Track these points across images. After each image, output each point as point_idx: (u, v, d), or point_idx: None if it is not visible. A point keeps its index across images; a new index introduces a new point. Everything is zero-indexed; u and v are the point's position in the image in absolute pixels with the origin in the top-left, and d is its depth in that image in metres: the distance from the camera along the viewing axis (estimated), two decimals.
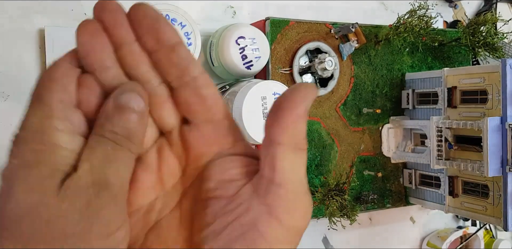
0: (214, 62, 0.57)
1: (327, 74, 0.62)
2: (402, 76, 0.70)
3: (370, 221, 0.76)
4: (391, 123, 0.70)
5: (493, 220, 0.60)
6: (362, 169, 0.68)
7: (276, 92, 0.49)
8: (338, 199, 0.57)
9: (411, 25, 0.64)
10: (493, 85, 0.58)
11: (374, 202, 0.68)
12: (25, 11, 0.52)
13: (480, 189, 0.62)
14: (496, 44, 0.65)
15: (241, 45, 0.54)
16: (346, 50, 0.65)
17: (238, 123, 0.39)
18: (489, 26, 0.64)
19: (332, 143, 0.65)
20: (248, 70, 0.55)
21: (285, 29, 0.60)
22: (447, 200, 0.66)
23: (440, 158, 0.62)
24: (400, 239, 0.80)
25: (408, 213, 0.80)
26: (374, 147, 0.69)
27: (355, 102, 0.67)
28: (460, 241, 0.82)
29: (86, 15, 0.55)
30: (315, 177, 0.64)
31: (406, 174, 0.71)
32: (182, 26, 0.50)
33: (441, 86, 0.65)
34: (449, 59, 0.74)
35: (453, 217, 0.85)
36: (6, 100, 0.51)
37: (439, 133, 0.62)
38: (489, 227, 0.87)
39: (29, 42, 0.52)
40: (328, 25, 0.64)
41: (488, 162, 0.55)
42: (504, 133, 0.55)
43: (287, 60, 0.61)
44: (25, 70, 0.52)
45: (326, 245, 0.72)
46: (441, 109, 0.65)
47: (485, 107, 0.59)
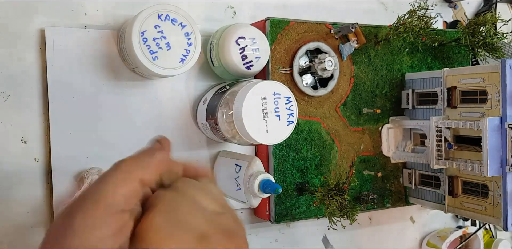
0: (214, 62, 0.57)
1: (327, 74, 0.62)
2: (402, 76, 0.71)
3: (370, 221, 0.76)
4: (391, 123, 0.70)
5: (493, 220, 0.60)
6: (362, 169, 0.68)
7: (276, 92, 0.49)
8: (338, 199, 0.57)
9: (411, 25, 0.64)
10: (493, 85, 0.58)
11: (374, 202, 0.68)
12: (25, 11, 0.52)
13: (479, 189, 0.62)
14: (495, 44, 0.65)
15: (241, 45, 0.54)
16: (346, 50, 0.65)
17: (238, 123, 0.42)
18: (488, 26, 0.64)
19: (332, 143, 0.65)
20: (248, 70, 0.55)
21: (285, 29, 0.60)
22: (447, 200, 0.66)
23: (440, 158, 0.62)
24: (400, 239, 0.80)
25: (408, 213, 0.80)
26: (374, 147, 0.69)
27: (355, 102, 0.67)
28: (459, 241, 0.82)
29: (86, 15, 0.55)
30: (315, 177, 0.64)
31: (406, 174, 0.71)
32: (182, 26, 0.50)
33: (440, 86, 0.65)
34: (449, 59, 0.74)
35: (453, 217, 0.85)
36: (6, 100, 0.51)
37: (439, 133, 0.62)
38: (489, 227, 0.88)
39: (30, 42, 0.52)
40: (328, 25, 0.64)
41: (488, 162, 0.55)
42: (504, 133, 0.55)
43: (287, 60, 0.61)
44: (25, 70, 0.52)
45: (326, 245, 0.72)
46: (441, 109, 0.65)
47: (485, 107, 0.59)
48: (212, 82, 0.60)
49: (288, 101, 0.50)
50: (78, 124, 0.53)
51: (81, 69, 0.53)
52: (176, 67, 0.50)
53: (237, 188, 0.56)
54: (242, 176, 0.55)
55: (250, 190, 0.54)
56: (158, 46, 0.49)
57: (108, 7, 0.56)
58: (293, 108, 0.50)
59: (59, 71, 0.52)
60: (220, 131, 0.52)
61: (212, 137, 0.58)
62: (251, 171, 0.54)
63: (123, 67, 0.55)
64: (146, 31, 0.48)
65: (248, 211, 0.65)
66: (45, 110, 0.52)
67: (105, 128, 0.55)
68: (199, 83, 0.60)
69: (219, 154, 0.61)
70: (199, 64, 0.59)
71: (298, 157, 0.63)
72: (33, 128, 0.52)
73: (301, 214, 0.63)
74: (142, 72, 0.53)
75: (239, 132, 0.48)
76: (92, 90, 0.54)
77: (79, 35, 0.53)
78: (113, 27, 0.56)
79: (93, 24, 0.55)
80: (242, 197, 0.55)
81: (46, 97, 0.52)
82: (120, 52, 0.54)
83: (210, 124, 0.54)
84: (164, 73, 0.50)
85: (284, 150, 0.61)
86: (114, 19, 0.56)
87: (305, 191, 0.63)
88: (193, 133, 0.60)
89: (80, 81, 0.53)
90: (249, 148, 0.63)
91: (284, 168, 0.62)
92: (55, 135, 0.52)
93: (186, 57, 0.51)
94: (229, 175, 0.57)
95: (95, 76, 0.54)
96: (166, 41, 0.49)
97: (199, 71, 0.60)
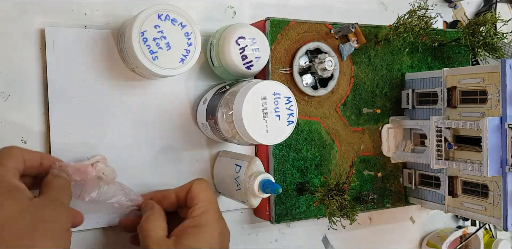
0: (214, 62, 0.57)
1: (327, 74, 0.62)
2: (402, 76, 0.71)
3: (370, 221, 0.76)
4: (391, 123, 0.70)
5: (493, 220, 0.60)
6: (362, 169, 0.68)
7: (276, 92, 0.49)
8: (338, 199, 0.57)
9: (411, 25, 0.64)
10: (493, 85, 0.58)
11: (374, 202, 0.68)
12: (25, 11, 0.52)
13: (479, 189, 0.62)
14: (495, 44, 0.65)
15: (241, 45, 0.54)
16: (346, 50, 0.65)
17: (238, 123, 0.44)
18: (488, 26, 0.64)
19: (332, 143, 0.65)
20: (248, 70, 0.55)
21: (285, 29, 0.60)
22: (447, 200, 0.66)
23: (440, 158, 0.62)
24: (400, 239, 0.80)
25: (408, 213, 0.80)
26: (374, 147, 0.69)
27: (355, 102, 0.67)
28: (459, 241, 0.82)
29: (86, 15, 0.55)
30: (315, 177, 0.64)
31: (406, 174, 0.71)
32: (182, 26, 0.50)
33: (440, 86, 0.65)
34: (449, 59, 0.74)
35: (453, 217, 0.85)
36: (6, 100, 0.51)
37: (439, 133, 0.62)
38: (489, 227, 0.88)
39: (30, 42, 0.52)
40: (328, 25, 0.64)
41: (488, 162, 0.55)
42: (504, 133, 0.55)
43: (287, 60, 0.61)
44: (25, 70, 0.52)
45: (326, 245, 0.72)
46: (441, 109, 0.65)
47: (485, 107, 0.59)
48: (212, 82, 0.60)
49: (288, 101, 0.50)
50: (78, 124, 0.53)
51: (81, 69, 0.53)
52: (176, 67, 0.50)
53: (237, 188, 0.56)
54: (242, 176, 0.55)
55: (250, 190, 0.54)
56: (158, 46, 0.49)
57: (108, 7, 0.56)
58: (293, 108, 0.50)
59: (59, 71, 0.52)
60: (220, 131, 0.52)
61: (212, 137, 0.58)
62: (251, 171, 0.54)
63: (123, 67, 0.55)
64: (146, 31, 0.48)
65: (248, 211, 0.65)
66: (45, 110, 0.52)
67: (106, 129, 0.55)
68: (199, 83, 0.60)
69: (219, 154, 0.61)
70: (199, 64, 0.59)
71: (298, 157, 0.63)
72: (33, 128, 0.52)
73: (301, 214, 0.63)
74: (142, 72, 0.53)
75: (239, 132, 0.48)
76: (92, 90, 0.54)
77: (79, 35, 0.53)
78: (113, 27, 0.56)
79: (93, 24, 0.55)
80: (242, 197, 0.55)
81: (46, 97, 0.52)
82: (120, 52, 0.54)
83: (210, 124, 0.54)
84: (164, 73, 0.50)
85: (284, 150, 0.61)
86: (114, 19, 0.56)
87: (305, 191, 0.63)
88: (193, 133, 0.60)
89: (80, 81, 0.53)
90: (249, 148, 0.63)
91: (284, 168, 0.62)
92: (55, 135, 0.52)
93: (186, 57, 0.51)
94: (229, 175, 0.57)
95: (95, 76, 0.54)
96: (166, 41, 0.49)
97: (199, 71, 0.60)
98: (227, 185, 0.58)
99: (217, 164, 0.61)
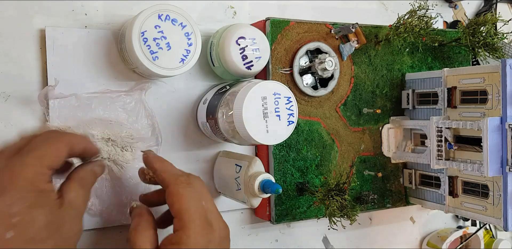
0: (214, 62, 0.57)
1: (327, 74, 0.62)
2: (402, 76, 0.71)
3: (370, 221, 0.76)
4: (391, 123, 0.70)
5: (493, 220, 0.60)
6: (362, 169, 0.68)
7: (276, 92, 0.49)
8: (338, 199, 0.57)
9: (411, 26, 0.64)
10: (493, 85, 0.58)
11: (374, 202, 0.68)
12: (25, 11, 0.52)
13: (480, 189, 0.62)
14: (496, 44, 0.65)
15: (241, 45, 0.54)
16: (346, 50, 0.65)
17: (238, 123, 0.44)
18: (489, 26, 0.64)
19: (332, 143, 0.65)
20: (249, 70, 0.55)
21: (285, 30, 0.60)
22: (447, 200, 0.66)
23: (440, 158, 0.62)
24: (400, 239, 0.80)
25: (408, 213, 0.80)
26: (374, 147, 0.69)
27: (355, 102, 0.67)
28: (460, 241, 0.82)
29: (86, 15, 0.55)
30: (315, 177, 0.64)
31: (406, 174, 0.71)
32: (182, 26, 0.50)
33: (441, 86, 0.65)
34: (449, 59, 0.74)
35: (453, 217, 0.85)
36: (6, 100, 0.51)
37: (439, 133, 0.62)
38: (489, 227, 0.88)
39: (30, 42, 0.52)
40: (328, 25, 0.64)
41: (488, 162, 0.55)
42: (504, 133, 0.55)
43: (287, 60, 0.61)
44: (25, 70, 0.52)
45: (326, 245, 0.72)
46: (441, 109, 0.65)
47: (485, 107, 0.59)
48: (212, 82, 0.60)
49: (288, 101, 0.50)
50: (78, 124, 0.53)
51: (81, 69, 0.53)
52: (176, 67, 0.50)
53: (237, 188, 0.56)
54: (242, 176, 0.55)
55: (250, 190, 0.54)
56: (158, 46, 0.49)
57: (108, 7, 0.56)
58: (294, 108, 0.50)
59: (59, 71, 0.52)
60: (220, 131, 0.52)
61: (212, 137, 0.58)
62: (251, 171, 0.54)
63: (123, 67, 0.55)
64: (146, 31, 0.48)
65: (248, 211, 0.65)
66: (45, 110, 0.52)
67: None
68: (199, 83, 0.60)
69: (219, 154, 0.61)
70: (199, 64, 0.59)
71: (298, 157, 0.63)
72: (33, 128, 0.52)
73: (301, 214, 0.63)
74: (142, 72, 0.53)
75: (239, 132, 0.48)
76: (92, 90, 0.54)
77: (79, 35, 0.53)
78: (113, 27, 0.56)
79: (93, 24, 0.55)
80: (243, 197, 0.55)
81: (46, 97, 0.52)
82: (120, 52, 0.54)
83: (210, 124, 0.54)
84: (164, 73, 0.50)
85: (284, 150, 0.61)
86: (114, 19, 0.56)
87: (305, 191, 0.63)
88: (193, 133, 0.60)
89: (80, 81, 0.53)
90: (249, 148, 0.63)
91: (284, 168, 0.62)
92: None
93: (186, 57, 0.51)
94: (230, 175, 0.57)
95: (95, 76, 0.54)
96: (166, 41, 0.49)
97: (199, 71, 0.60)
98: (227, 185, 0.58)
99: (217, 164, 0.61)
